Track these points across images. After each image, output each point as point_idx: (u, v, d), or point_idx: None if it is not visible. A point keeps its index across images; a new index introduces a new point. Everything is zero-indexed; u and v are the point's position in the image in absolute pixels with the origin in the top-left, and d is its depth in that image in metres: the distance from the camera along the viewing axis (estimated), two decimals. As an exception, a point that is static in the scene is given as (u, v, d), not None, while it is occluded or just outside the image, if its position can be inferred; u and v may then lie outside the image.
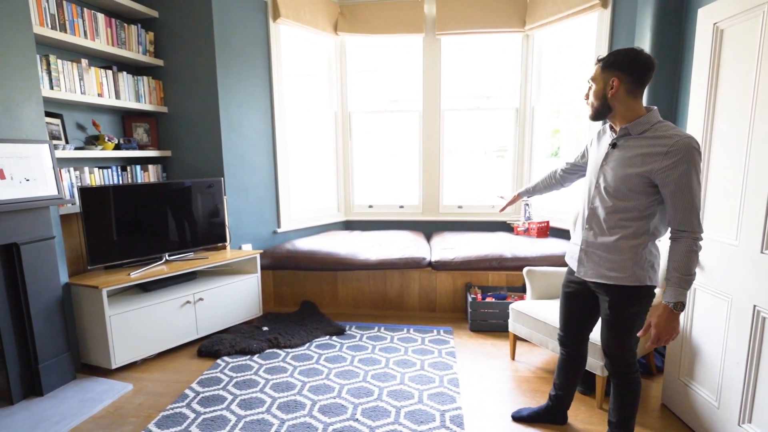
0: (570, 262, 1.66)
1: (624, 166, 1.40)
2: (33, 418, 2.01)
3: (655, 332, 1.35)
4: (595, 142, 1.59)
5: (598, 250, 1.50)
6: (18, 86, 2.10)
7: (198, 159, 3.16)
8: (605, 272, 1.48)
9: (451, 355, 2.59)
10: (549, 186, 1.93)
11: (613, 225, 1.45)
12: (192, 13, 2.99)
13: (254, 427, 1.92)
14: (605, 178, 1.46)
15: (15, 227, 2.07)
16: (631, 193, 1.39)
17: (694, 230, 1.32)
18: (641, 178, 1.35)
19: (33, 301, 2.15)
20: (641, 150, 1.36)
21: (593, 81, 1.46)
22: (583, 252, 1.56)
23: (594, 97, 1.45)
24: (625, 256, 1.43)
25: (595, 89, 1.44)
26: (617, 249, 1.44)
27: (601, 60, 1.43)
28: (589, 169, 1.57)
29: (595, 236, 1.51)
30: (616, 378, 1.58)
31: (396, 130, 4.03)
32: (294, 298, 3.46)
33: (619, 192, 1.41)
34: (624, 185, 1.39)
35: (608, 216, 1.46)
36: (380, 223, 4.09)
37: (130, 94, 2.86)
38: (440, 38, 3.69)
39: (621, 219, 1.43)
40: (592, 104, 1.46)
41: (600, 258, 1.49)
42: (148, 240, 2.74)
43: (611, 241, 1.45)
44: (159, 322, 2.57)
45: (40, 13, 2.30)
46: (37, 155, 2.16)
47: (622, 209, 1.42)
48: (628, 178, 1.38)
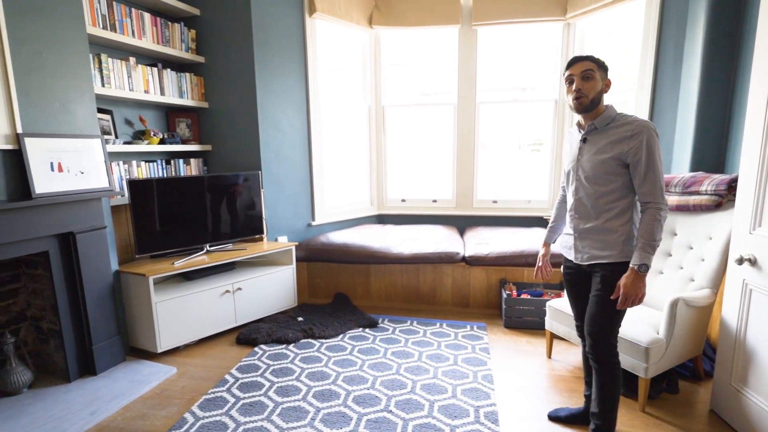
0: (564, 252, 1.78)
1: (598, 154, 1.56)
2: (88, 395, 2.15)
3: (623, 291, 1.49)
4: (567, 144, 1.74)
5: (590, 234, 1.62)
6: (73, 84, 2.22)
7: (236, 153, 3.25)
8: (598, 253, 1.60)
9: (485, 351, 2.56)
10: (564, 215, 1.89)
11: (600, 209, 1.59)
12: (232, 11, 3.07)
13: (291, 413, 1.97)
14: (583, 169, 1.61)
15: (71, 217, 2.20)
16: (608, 176, 1.55)
17: (657, 201, 1.49)
18: (614, 161, 1.52)
19: (87, 287, 2.29)
20: (609, 139, 1.54)
21: (593, 76, 1.54)
22: (576, 239, 1.67)
23: (592, 90, 1.55)
24: (615, 234, 1.57)
25: (594, 84, 1.55)
26: (607, 230, 1.58)
27: (591, 59, 1.56)
28: (568, 166, 1.71)
29: (585, 222, 1.64)
30: (598, 362, 1.63)
31: (429, 124, 3.99)
32: (327, 290, 3.52)
33: (599, 178, 1.57)
34: (601, 170, 1.56)
35: (593, 202, 1.60)
36: (413, 217, 4.08)
37: (174, 91, 2.97)
38: (477, 29, 3.61)
39: (605, 202, 1.58)
40: (590, 96, 1.55)
41: (593, 241, 1.62)
42: (190, 231, 2.86)
43: (600, 224, 1.60)
44: (200, 310, 2.68)
45: (93, 13, 2.42)
46: (91, 149, 2.29)
47: (604, 193, 1.57)
48: (603, 163, 1.55)
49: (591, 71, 1.53)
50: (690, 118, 2.55)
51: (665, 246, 2.35)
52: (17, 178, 2.01)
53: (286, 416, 1.95)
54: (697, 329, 2.06)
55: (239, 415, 1.96)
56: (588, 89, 1.54)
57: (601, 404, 1.65)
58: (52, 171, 2.10)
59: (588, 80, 1.53)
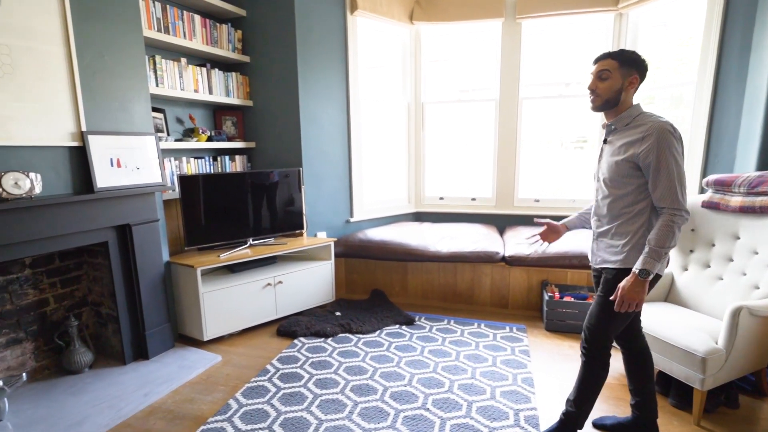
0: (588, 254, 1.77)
1: (613, 156, 1.53)
2: (141, 378, 2.28)
3: (620, 294, 1.45)
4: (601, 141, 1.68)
5: (603, 237, 1.61)
6: (131, 85, 2.36)
7: (279, 150, 3.33)
8: (607, 257, 1.58)
9: (525, 353, 2.49)
10: None
11: (617, 214, 1.55)
12: (276, 11, 3.14)
13: (330, 405, 2.00)
14: (602, 172, 1.58)
15: (128, 210, 2.34)
16: (623, 179, 1.50)
17: (672, 206, 1.42)
18: (627, 163, 1.48)
19: (142, 276, 2.43)
20: (624, 140, 1.50)
21: (610, 75, 1.50)
22: (594, 242, 1.67)
23: (608, 90, 1.50)
24: (624, 240, 1.53)
25: (612, 84, 1.50)
26: (618, 234, 1.55)
27: (614, 56, 1.50)
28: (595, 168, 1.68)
29: (601, 226, 1.62)
30: (587, 356, 1.62)
31: (469, 120, 3.92)
32: (364, 286, 3.55)
33: (614, 181, 1.53)
34: (616, 173, 1.51)
35: (610, 205, 1.56)
36: (451, 215, 4.03)
37: (221, 90, 3.09)
38: (521, 22, 3.51)
39: (622, 207, 1.53)
40: (603, 96, 1.52)
41: (605, 245, 1.60)
42: (234, 225, 2.96)
43: (613, 228, 1.56)
44: (243, 301, 2.78)
45: (149, 17, 2.56)
46: (146, 146, 2.42)
47: (621, 197, 1.53)
48: (617, 165, 1.50)
49: (607, 71, 1.50)
50: (758, 113, 2.35)
51: (726, 250, 2.19)
52: (81, 173, 2.16)
53: (325, 408, 1.99)
54: (762, 341, 1.91)
55: (280, 405, 2.02)
56: (602, 89, 1.51)
57: (579, 393, 1.66)
58: (111, 166, 2.24)
59: (604, 80, 1.51)
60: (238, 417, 1.93)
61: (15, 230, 1.86)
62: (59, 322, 2.38)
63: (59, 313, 2.39)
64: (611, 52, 1.51)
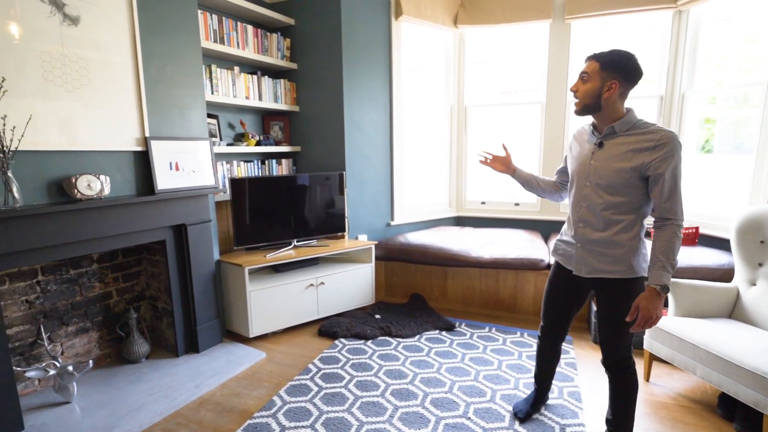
0: (559, 259, 1.70)
1: (615, 162, 1.44)
2: (192, 370, 2.40)
3: (642, 314, 1.39)
4: (575, 143, 1.63)
5: (595, 246, 1.52)
6: (189, 93, 2.50)
7: (323, 154, 3.41)
8: (604, 267, 1.51)
9: (572, 366, 2.40)
10: (544, 189, 1.82)
11: (608, 220, 1.49)
12: (323, 19, 3.23)
13: (370, 408, 2.02)
14: (597, 176, 1.49)
15: (184, 210, 2.48)
16: (625, 188, 1.44)
17: (677, 218, 1.39)
18: (634, 172, 1.41)
19: (195, 273, 2.57)
20: (630, 146, 1.42)
21: (589, 77, 1.46)
22: (579, 250, 1.57)
23: (586, 94, 1.46)
24: (624, 249, 1.47)
25: (590, 87, 1.45)
26: (615, 243, 1.48)
27: (597, 58, 1.44)
28: (574, 169, 1.59)
29: (592, 233, 1.53)
30: (613, 373, 1.58)
31: (513, 123, 3.84)
32: (404, 290, 3.55)
33: (613, 188, 1.46)
34: (618, 180, 1.44)
35: (602, 212, 1.49)
36: (493, 220, 3.96)
37: (270, 96, 3.21)
38: (570, 23, 3.40)
39: (614, 213, 1.47)
40: (582, 100, 1.48)
41: (597, 254, 1.52)
42: (280, 226, 3.06)
43: (609, 236, 1.49)
44: (287, 301, 2.86)
45: (206, 29, 2.70)
46: (201, 151, 2.55)
47: (616, 204, 1.46)
48: (622, 172, 1.43)
49: (586, 74, 1.46)
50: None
51: (802, 265, 2.01)
52: (144, 175, 2.32)
53: (366, 410, 2.01)
54: None
55: (322, 404, 2.06)
56: (581, 92, 1.47)
57: (616, 414, 1.60)
58: (170, 170, 2.38)
59: (582, 82, 1.47)
60: (282, 414, 1.99)
61: (87, 228, 2.02)
62: (120, 314, 2.56)
63: (120, 306, 2.57)
64: (596, 54, 1.45)
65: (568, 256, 1.64)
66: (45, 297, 2.20)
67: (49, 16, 1.89)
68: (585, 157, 1.55)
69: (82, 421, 1.95)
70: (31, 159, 1.87)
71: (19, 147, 1.79)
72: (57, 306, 2.26)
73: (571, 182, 1.62)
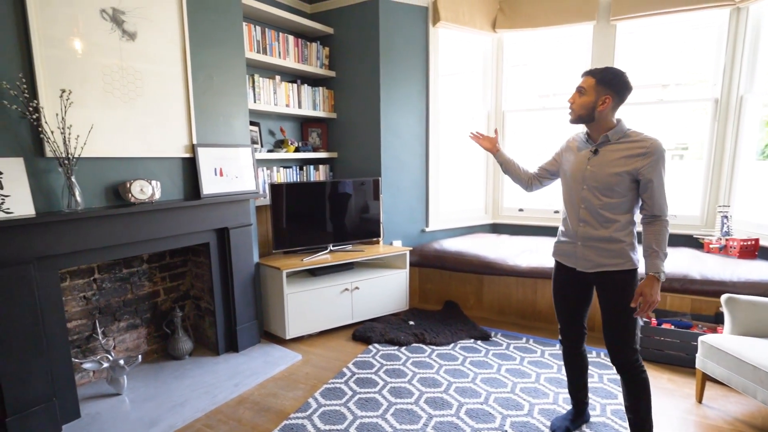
0: (561, 259, 1.80)
1: (611, 167, 1.59)
2: (231, 369, 2.49)
3: (645, 299, 1.54)
4: (569, 149, 1.78)
5: (597, 242, 1.65)
6: (233, 102, 2.61)
7: (359, 160, 3.46)
8: (606, 261, 1.64)
9: (615, 382, 2.29)
10: (520, 176, 1.96)
11: (607, 219, 1.62)
12: (362, 27, 3.28)
13: (404, 415, 2.01)
14: (594, 179, 1.63)
15: (227, 215, 2.58)
16: (620, 189, 1.59)
17: (664, 214, 1.58)
18: (628, 175, 1.57)
19: (236, 275, 2.66)
20: (623, 153, 1.58)
21: (585, 91, 1.61)
22: (581, 248, 1.69)
23: (582, 106, 1.62)
24: (622, 244, 1.61)
25: (585, 100, 1.61)
26: (615, 240, 1.62)
27: (593, 74, 1.60)
28: (570, 174, 1.72)
29: (593, 232, 1.65)
30: (625, 371, 1.66)
31: (553, 128, 3.73)
32: (438, 297, 3.52)
33: (608, 189, 1.60)
34: (613, 182, 1.58)
35: (601, 212, 1.63)
36: (530, 228, 3.86)
37: (309, 103, 3.29)
38: (615, 24, 3.27)
39: (611, 213, 1.62)
40: (577, 111, 1.64)
41: (600, 250, 1.65)
42: (316, 231, 3.12)
43: (609, 234, 1.62)
44: (323, 304, 2.91)
45: (250, 40, 2.81)
46: (243, 157, 2.65)
47: (613, 205, 1.61)
48: (616, 176, 1.58)
49: (583, 88, 1.61)
50: None
51: None
52: (190, 180, 2.43)
53: (400, 417, 2.00)
54: None
55: (356, 409, 2.07)
56: (577, 104, 1.63)
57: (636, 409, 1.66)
58: (215, 175, 2.49)
59: (580, 95, 1.63)
60: (317, 416, 2.02)
61: (139, 230, 2.15)
62: (167, 312, 2.69)
63: (167, 304, 2.70)
64: (592, 70, 1.62)
65: (569, 255, 1.75)
66: (100, 294, 2.35)
67: (110, 33, 2.03)
68: (580, 162, 1.69)
69: (131, 412, 2.06)
70: (91, 165, 2.01)
71: (82, 154, 1.93)
72: (111, 302, 2.40)
73: (565, 185, 1.76)
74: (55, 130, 1.85)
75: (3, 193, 1.71)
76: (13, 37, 1.74)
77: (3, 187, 1.71)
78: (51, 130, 1.83)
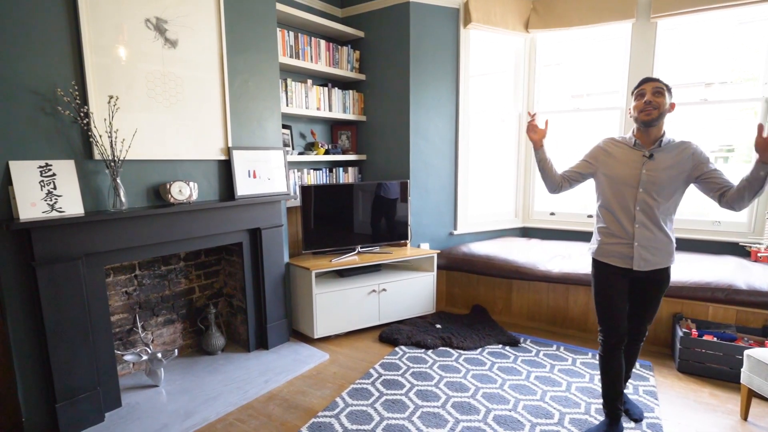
0: (615, 261, 1.81)
1: (668, 170, 1.72)
2: (261, 366, 2.55)
3: None
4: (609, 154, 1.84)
5: (655, 243, 1.76)
6: (267, 105, 2.68)
7: (388, 162, 3.47)
8: (660, 260, 1.77)
9: (651, 395, 2.20)
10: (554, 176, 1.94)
11: (663, 220, 1.75)
12: (392, 30, 3.30)
13: (431, 419, 2.01)
14: (650, 182, 1.73)
15: (260, 215, 2.66)
16: (676, 191, 1.73)
17: None
18: (683, 175, 1.72)
19: (267, 274, 2.73)
20: (676, 158, 1.73)
21: (661, 94, 1.69)
22: (638, 249, 1.77)
23: (662, 107, 1.70)
24: (670, 243, 1.78)
25: (663, 102, 1.70)
26: (666, 240, 1.77)
27: (660, 81, 1.71)
28: (621, 178, 1.78)
29: (650, 233, 1.75)
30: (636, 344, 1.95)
31: (587, 130, 3.63)
32: (465, 301, 3.49)
33: (666, 191, 1.72)
34: (672, 185, 1.72)
35: (659, 213, 1.74)
36: (562, 232, 3.76)
37: (339, 107, 3.33)
38: (656, 21, 3.15)
39: (667, 215, 1.76)
40: (656, 110, 1.70)
41: (655, 250, 1.76)
42: (345, 232, 3.16)
43: (665, 235, 1.76)
44: (350, 305, 2.94)
45: (283, 45, 2.88)
46: (275, 159, 2.72)
47: (666, 207, 1.75)
48: (675, 178, 1.71)
49: (661, 89, 1.70)
50: None
51: None
52: (225, 182, 2.52)
53: (426, 420, 2.00)
54: None
55: (383, 410, 2.08)
56: (658, 103, 1.69)
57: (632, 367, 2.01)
58: (248, 177, 2.57)
59: (658, 96, 1.69)
60: (344, 415, 2.04)
61: (177, 229, 2.24)
62: (201, 309, 2.79)
63: (201, 301, 2.80)
64: (657, 78, 1.73)
65: (623, 256, 1.80)
66: (141, 290, 2.47)
67: (154, 41, 2.14)
68: (633, 167, 1.76)
69: (167, 404, 2.15)
70: (135, 167, 2.12)
71: (126, 157, 2.04)
72: (150, 298, 2.52)
73: (614, 188, 1.80)
74: (103, 134, 1.96)
75: (56, 193, 1.83)
76: (67, 47, 1.86)
77: (56, 188, 1.83)
78: (99, 134, 1.94)
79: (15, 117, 1.74)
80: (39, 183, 1.79)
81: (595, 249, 1.87)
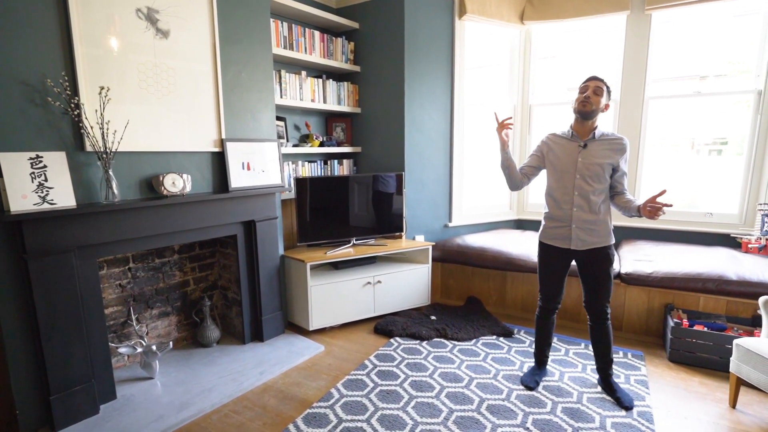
0: (553, 242, 2.10)
1: (599, 158, 1.97)
2: (256, 358, 2.56)
3: (654, 207, 1.84)
4: (553, 146, 2.10)
5: (589, 225, 2.01)
6: (261, 97, 2.66)
7: (383, 154, 3.47)
8: (596, 240, 2.02)
9: (642, 384, 2.23)
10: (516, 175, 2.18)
11: (597, 203, 2.00)
12: (387, 21, 3.27)
13: (425, 409, 2.03)
14: (586, 170, 1.98)
15: (254, 207, 2.65)
16: (604, 177, 1.98)
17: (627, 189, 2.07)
18: (610, 165, 1.98)
19: (262, 267, 2.73)
20: (607, 147, 1.99)
21: (601, 93, 1.96)
22: (576, 229, 2.03)
23: (597, 105, 1.96)
24: (606, 224, 2.03)
25: (599, 101, 1.96)
26: (602, 221, 2.01)
27: (603, 82, 1.97)
28: (560, 166, 2.05)
29: (586, 215, 2.01)
30: (599, 319, 2.10)
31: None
32: (460, 293, 3.51)
33: (597, 177, 1.97)
34: (600, 171, 1.97)
35: (593, 197, 1.99)
36: (556, 224, 3.78)
37: (334, 98, 3.31)
38: (650, 13, 3.14)
39: (598, 197, 2.00)
40: (591, 105, 1.95)
41: (590, 231, 2.02)
42: (340, 225, 3.16)
43: (599, 217, 2.01)
44: (345, 297, 2.95)
45: (277, 36, 2.86)
46: (269, 151, 2.70)
47: (601, 191, 2.00)
48: (602, 166, 1.97)
49: (601, 89, 1.96)
50: None
51: None
52: (219, 174, 2.50)
53: (420, 410, 2.02)
54: None
55: (377, 400, 2.10)
56: (595, 101, 1.95)
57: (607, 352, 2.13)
58: (242, 169, 2.55)
59: (597, 94, 1.95)
60: (339, 406, 2.06)
61: (171, 221, 2.23)
62: (196, 301, 2.79)
63: (196, 294, 2.80)
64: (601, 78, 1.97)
65: (563, 238, 2.06)
66: (134, 282, 2.46)
67: (145, 31, 2.11)
68: (570, 156, 2.02)
69: (162, 396, 2.16)
70: (127, 159, 2.10)
71: (118, 148, 2.02)
72: (144, 291, 2.51)
73: (556, 176, 2.06)
74: (95, 125, 1.94)
75: (48, 185, 1.81)
76: (57, 37, 1.83)
77: (48, 180, 1.81)
78: (91, 125, 1.92)
79: (4, 108, 1.72)
80: (30, 175, 1.77)
81: (540, 232, 2.17)
